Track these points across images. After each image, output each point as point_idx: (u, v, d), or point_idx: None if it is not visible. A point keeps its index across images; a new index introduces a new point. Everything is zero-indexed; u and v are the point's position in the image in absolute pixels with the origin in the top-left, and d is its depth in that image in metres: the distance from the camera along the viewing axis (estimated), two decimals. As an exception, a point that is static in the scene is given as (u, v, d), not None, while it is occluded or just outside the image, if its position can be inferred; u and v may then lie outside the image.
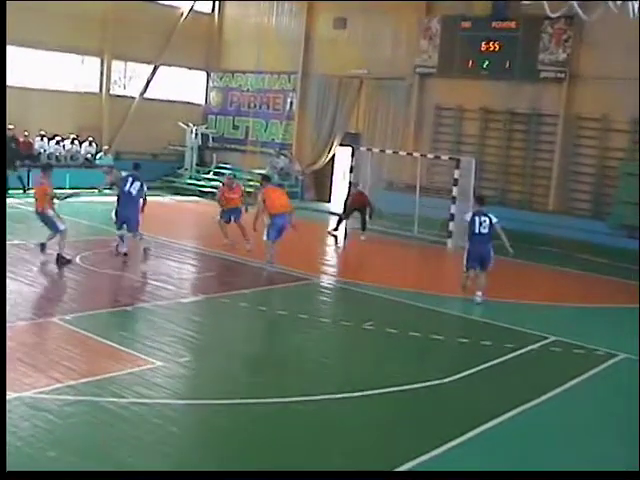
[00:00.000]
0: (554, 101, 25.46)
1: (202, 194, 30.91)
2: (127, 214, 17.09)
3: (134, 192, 17.04)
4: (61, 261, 15.91)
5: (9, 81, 28.84)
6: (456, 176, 22.38)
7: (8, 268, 14.38)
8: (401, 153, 25.73)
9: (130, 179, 17.16)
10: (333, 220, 24.68)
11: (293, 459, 7.87)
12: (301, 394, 9.51)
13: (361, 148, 26.28)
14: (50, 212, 16.13)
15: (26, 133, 28.83)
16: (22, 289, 14.01)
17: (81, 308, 12.97)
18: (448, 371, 10.72)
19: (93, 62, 31.89)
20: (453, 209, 22.27)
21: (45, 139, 29.76)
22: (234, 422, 8.75)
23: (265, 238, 16.90)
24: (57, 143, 30.09)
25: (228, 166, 33.07)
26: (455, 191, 22.30)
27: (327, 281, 17.20)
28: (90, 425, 8.37)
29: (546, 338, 12.90)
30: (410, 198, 24.22)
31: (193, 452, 7.96)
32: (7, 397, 8.62)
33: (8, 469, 6.01)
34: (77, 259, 16.59)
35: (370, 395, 9.67)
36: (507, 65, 25.95)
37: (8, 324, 11.63)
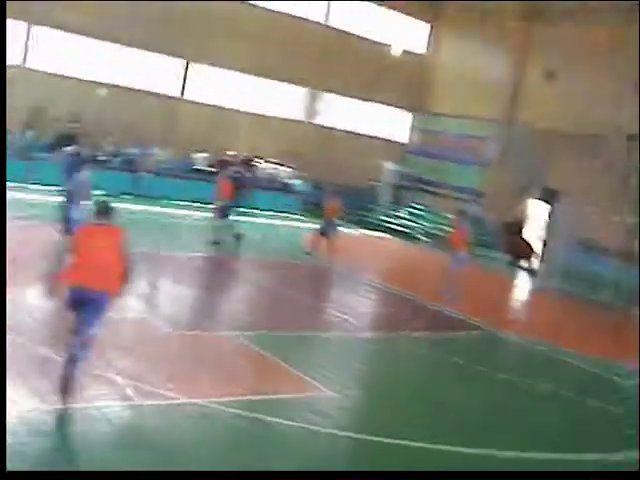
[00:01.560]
0: None
1: (393, 232, 30.89)
2: None
3: None
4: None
5: (224, 103, 30.32)
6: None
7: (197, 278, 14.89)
8: (599, 214, 24.75)
9: None
10: (521, 274, 24.16)
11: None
12: (469, 445, 9.20)
13: (557, 204, 25.49)
14: None
15: (229, 153, 29.91)
16: (212, 301, 14.42)
17: (265, 326, 13.22)
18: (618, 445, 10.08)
19: (301, 91, 32.81)
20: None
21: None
22: (397, 461, 8.56)
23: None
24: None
25: (421, 207, 33.05)
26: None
27: (510, 335, 16.65)
28: (254, 441, 8.44)
29: None
30: (603, 261, 23.23)
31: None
32: (179, 401, 8.86)
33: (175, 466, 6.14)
34: (268, 279, 16.92)
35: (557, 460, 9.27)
36: None
37: (194, 332, 12.01)
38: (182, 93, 29.56)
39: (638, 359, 14.31)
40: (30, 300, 12.05)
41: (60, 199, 15.15)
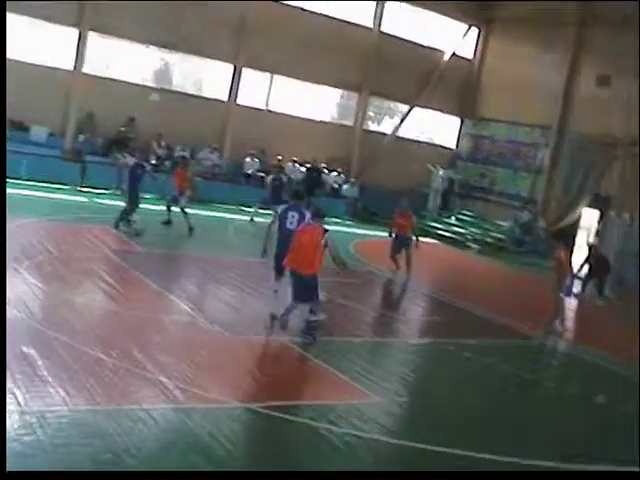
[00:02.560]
0: None
1: (442, 238, 30.71)
2: None
3: None
4: None
5: (272, 106, 30.47)
6: None
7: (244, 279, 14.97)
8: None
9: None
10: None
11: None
12: (511, 455, 9.10)
13: (610, 212, 25.22)
14: None
15: (279, 157, 30.04)
16: (260, 304, 14.45)
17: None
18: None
19: (351, 96, 32.86)
20: None
21: (297, 165, 30.83)
22: (441, 468, 8.51)
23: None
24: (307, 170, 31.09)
25: (470, 213, 32.90)
26: None
27: (559, 344, 16.48)
28: (303, 447, 8.48)
29: None
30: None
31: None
32: (230, 405, 8.94)
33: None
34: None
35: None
36: None
37: (245, 336, 12.09)
38: (234, 98, 29.68)
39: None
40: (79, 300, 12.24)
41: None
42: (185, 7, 26.63)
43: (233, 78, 29.53)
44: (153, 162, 26.35)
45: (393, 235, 19.88)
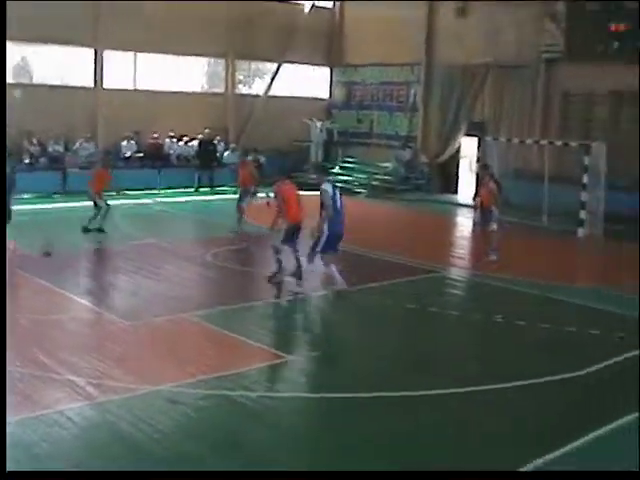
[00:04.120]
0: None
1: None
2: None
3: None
4: None
5: (139, 85, 29.99)
6: (586, 163, 21.82)
7: (138, 265, 14.88)
8: (528, 141, 25.28)
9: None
10: (462, 211, 24.50)
11: (428, 452, 7.86)
12: (433, 388, 9.42)
13: (487, 138, 25.89)
14: None
15: (155, 135, 29.69)
16: (155, 287, 14.47)
17: (213, 304, 13.26)
18: (582, 364, 10.41)
19: (219, 63, 32.60)
20: (583, 197, 21.77)
21: (174, 140, 30.55)
22: (365, 415, 8.76)
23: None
24: (185, 143, 30.83)
25: (353, 160, 33.23)
26: (585, 178, 21.77)
27: (455, 273, 16.99)
28: (224, 418, 8.58)
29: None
30: (538, 187, 23.66)
31: (324, 442, 8.03)
32: (145, 390, 8.96)
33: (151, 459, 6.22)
34: (208, 256, 16.97)
35: (506, 388, 9.52)
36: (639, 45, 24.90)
37: (144, 320, 12.06)
38: (100, 82, 29.03)
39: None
40: None
41: None
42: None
43: (96, 62, 28.88)
44: (27, 161, 25.77)
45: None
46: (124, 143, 29.11)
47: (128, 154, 29.06)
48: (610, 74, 25.25)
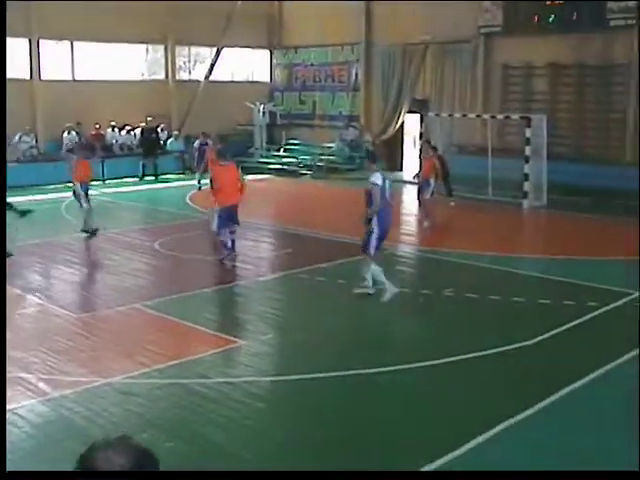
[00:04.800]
0: (626, 50, 24.68)
1: (273, 172, 30.89)
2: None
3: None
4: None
5: (78, 75, 29.55)
6: (528, 135, 22.08)
7: (86, 257, 14.71)
8: (470, 116, 25.55)
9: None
10: (407, 188, 24.64)
11: (383, 429, 7.92)
12: (387, 365, 9.49)
13: (430, 114, 26.05)
14: None
15: (97, 125, 29.32)
16: (104, 278, 14.36)
17: (162, 293, 13.18)
18: (532, 333, 10.57)
19: (157, 50, 32.26)
20: (527, 169, 22.06)
21: (116, 130, 30.20)
22: (322, 397, 8.81)
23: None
24: (128, 132, 30.50)
25: (298, 141, 33.19)
26: (528, 150, 22.04)
27: (404, 250, 17.08)
28: (179, 407, 8.55)
29: (630, 294, 12.60)
30: (482, 161, 23.88)
31: (281, 427, 8.06)
32: (97, 383, 8.89)
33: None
34: (156, 245, 16.86)
35: (456, 361, 9.62)
36: (574, 17, 25.24)
37: (94, 313, 11.97)
38: (37, 74, 28.52)
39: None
40: None
41: None
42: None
43: (31, 53, 28.37)
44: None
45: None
46: (65, 135, 28.67)
47: (70, 146, 28.60)
48: (547, 46, 25.60)
